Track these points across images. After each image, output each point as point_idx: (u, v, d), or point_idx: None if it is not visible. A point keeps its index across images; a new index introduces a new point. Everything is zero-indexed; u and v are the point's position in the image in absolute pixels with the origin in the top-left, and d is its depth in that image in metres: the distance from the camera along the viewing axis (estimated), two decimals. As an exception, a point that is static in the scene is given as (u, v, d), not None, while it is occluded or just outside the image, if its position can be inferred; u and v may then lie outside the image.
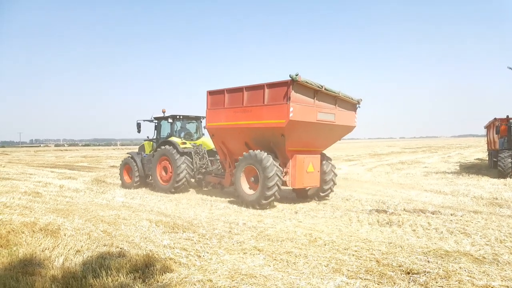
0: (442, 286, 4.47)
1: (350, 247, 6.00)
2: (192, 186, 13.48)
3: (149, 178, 13.73)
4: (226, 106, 10.67)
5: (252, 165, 9.89)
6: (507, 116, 18.63)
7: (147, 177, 13.79)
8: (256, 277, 4.75)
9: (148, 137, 14.52)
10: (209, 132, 11.55)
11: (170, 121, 13.38)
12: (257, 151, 9.85)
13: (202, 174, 12.86)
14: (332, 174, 10.80)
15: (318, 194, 10.83)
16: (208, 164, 12.92)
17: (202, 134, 14.18)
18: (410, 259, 5.38)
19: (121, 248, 6.04)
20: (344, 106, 10.42)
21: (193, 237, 6.72)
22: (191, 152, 12.65)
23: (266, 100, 9.59)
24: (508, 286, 4.47)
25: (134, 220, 8.11)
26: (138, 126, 13.93)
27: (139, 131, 14.00)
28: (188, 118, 13.92)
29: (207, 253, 5.79)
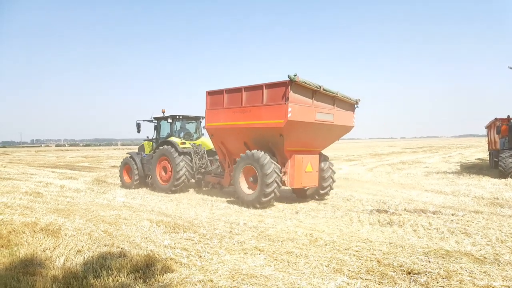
0: (443, 286, 4.47)
1: (351, 247, 5.99)
2: (192, 186, 13.49)
3: (148, 178, 13.75)
4: (225, 106, 10.68)
5: (250, 164, 9.91)
6: (508, 116, 18.64)
7: (147, 177, 13.81)
8: (257, 277, 4.75)
9: (147, 137, 14.54)
10: (208, 132, 11.57)
11: (170, 121, 13.40)
12: (254, 151, 9.91)
13: (201, 174, 12.87)
14: (330, 171, 10.82)
15: (318, 192, 10.85)
16: (207, 164, 12.93)
17: (202, 134, 14.19)
18: (411, 259, 5.38)
19: (122, 248, 6.05)
20: (342, 106, 10.43)
21: (194, 237, 6.72)
22: (191, 152, 12.66)
23: (265, 100, 9.60)
24: (509, 286, 4.46)
25: (135, 220, 8.11)
26: (138, 126, 13.94)
27: (139, 131, 14.02)
28: (187, 118, 13.93)
29: (208, 253, 5.79)
